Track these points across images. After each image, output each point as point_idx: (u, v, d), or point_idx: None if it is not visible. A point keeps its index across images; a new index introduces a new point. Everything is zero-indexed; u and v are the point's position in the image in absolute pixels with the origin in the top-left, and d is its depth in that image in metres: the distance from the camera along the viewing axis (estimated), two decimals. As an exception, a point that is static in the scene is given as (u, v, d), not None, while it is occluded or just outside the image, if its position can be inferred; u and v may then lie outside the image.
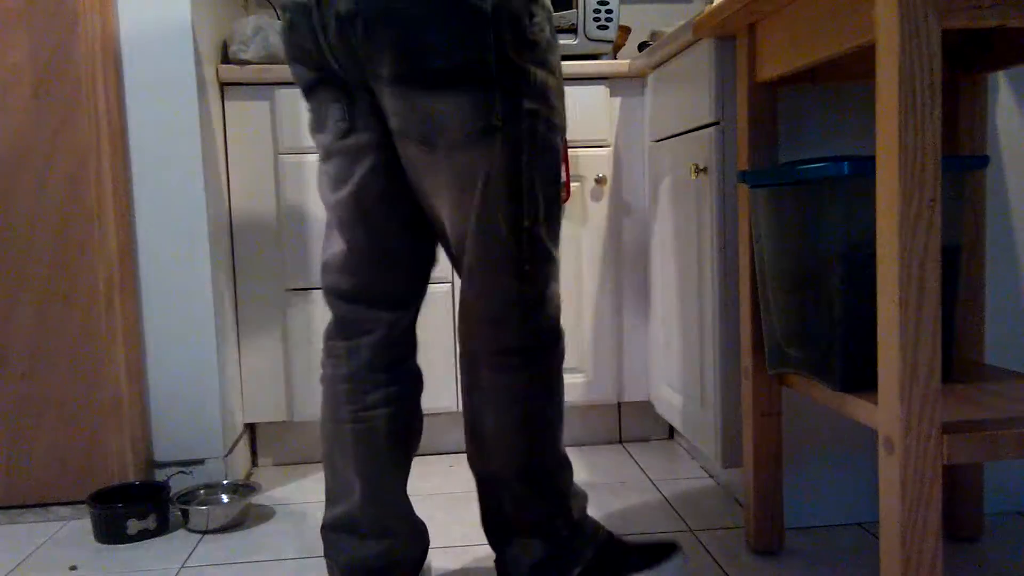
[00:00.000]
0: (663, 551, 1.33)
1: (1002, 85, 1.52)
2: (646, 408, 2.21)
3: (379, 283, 1.22)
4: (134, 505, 1.66)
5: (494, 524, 1.31)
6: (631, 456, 2.08)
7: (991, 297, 1.53)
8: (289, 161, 1.98)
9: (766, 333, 1.38)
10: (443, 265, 2.04)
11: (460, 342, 1.26)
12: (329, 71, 1.12)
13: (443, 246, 1.25)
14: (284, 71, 1.95)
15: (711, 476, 1.90)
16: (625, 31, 2.32)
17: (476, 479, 1.31)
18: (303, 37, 1.11)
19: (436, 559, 1.51)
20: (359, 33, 1.06)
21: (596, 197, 2.06)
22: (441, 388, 2.06)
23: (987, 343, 1.51)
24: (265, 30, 1.96)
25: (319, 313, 2.02)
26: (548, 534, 1.26)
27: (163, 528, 1.69)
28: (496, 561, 1.32)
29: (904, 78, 0.95)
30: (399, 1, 1.04)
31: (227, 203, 1.98)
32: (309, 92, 1.18)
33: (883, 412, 1.01)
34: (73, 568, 1.53)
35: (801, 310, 1.25)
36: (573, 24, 2.07)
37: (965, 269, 1.43)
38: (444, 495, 1.84)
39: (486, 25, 1.04)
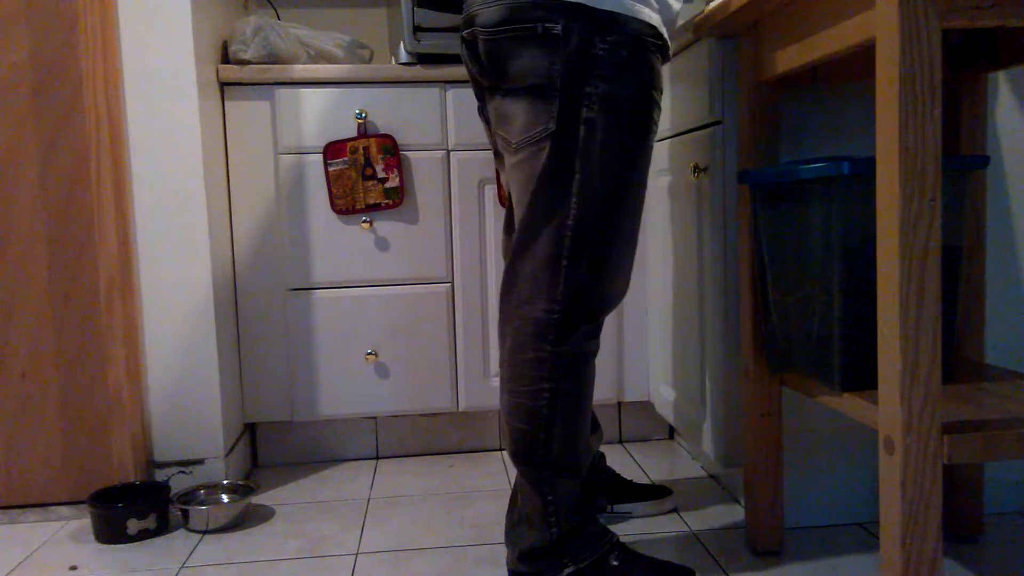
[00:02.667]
0: (672, 572, 1.34)
1: (1002, 85, 1.52)
2: (646, 408, 2.21)
3: None
4: (134, 505, 1.66)
5: (512, 503, 1.35)
6: (631, 456, 2.08)
7: (991, 297, 1.53)
8: (289, 161, 1.98)
9: (766, 333, 1.38)
10: (442, 266, 2.04)
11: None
12: (476, 87, 1.37)
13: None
14: (284, 71, 1.95)
15: (711, 476, 1.90)
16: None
17: None
18: (463, 59, 1.34)
19: (436, 559, 1.51)
20: (475, 52, 1.28)
21: (596, 197, 2.06)
22: (441, 388, 2.07)
23: (987, 343, 1.51)
24: (265, 30, 1.96)
25: (319, 313, 2.02)
26: (540, 527, 1.29)
27: (163, 528, 1.69)
28: (505, 541, 1.37)
29: (904, 78, 0.95)
30: (492, 24, 1.22)
31: (227, 203, 1.98)
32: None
33: (883, 412, 1.01)
34: (73, 568, 1.53)
35: (801, 310, 1.25)
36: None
37: (965, 269, 1.43)
38: (444, 495, 1.84)
39: (555, 43, 1.18)
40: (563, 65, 1.18)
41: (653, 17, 1.25)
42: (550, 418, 1.26)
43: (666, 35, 1.30)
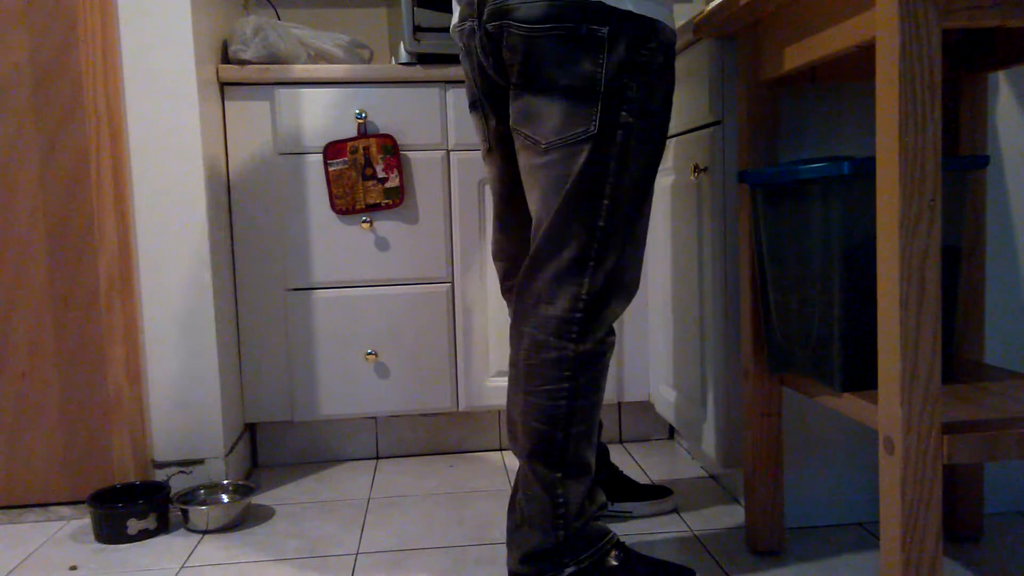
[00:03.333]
0: (673, 572, 1.34)
1: (1002, 85, 1.52)
2: (646, 408, 2.21)
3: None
4: (134, 505, 1.66)
5: (512, 505, 1.35)
6: (631, 456, 2.08)
7: (991, 297, 1.53)
8: (289, 161, 1.98)
9: (766, 333, 1.38)
10: (442, 266, 2.04)
11: (511, 317, 1.33)
12: (485, 81, 1.34)
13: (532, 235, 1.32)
14: (284, 71, 1.95)
15: (711, 476, 1.90)
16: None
17: None
18: (467, 56, 1.34)
19: (436, 559, 1.51)
20: (497, 46, 1.26)
21: (596, 197, 2.06)
22: (441, 388, 2.07)
23: (987, 343, 1.51)
24: (265, 30, 1.96)
25: (320, 312, 2.02)
26: (546, 529, 1.28)
27: (163, 528, 1.69)
28: (507, 543, 1.36)
29: (904, 78, 0.95)
30: (533, 20, 1.20)
31: (227, 203, 1.98)
32: (472, 105, 1.42)
33: (883, 412, 1.01)
34: (73, 568, 1.53)
35: (801, 310, 1.25)
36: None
37: (965, 269, 1.43)
38: (444, 495, 1.84)
39: (600, 47, 1.19)
40: (607, 69, 1.19)
41: (673, 22, 1.28)
42: (568, 417, 1.26)
43: None
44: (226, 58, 2.03)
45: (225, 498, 1.79)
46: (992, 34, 1.33)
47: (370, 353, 2.02)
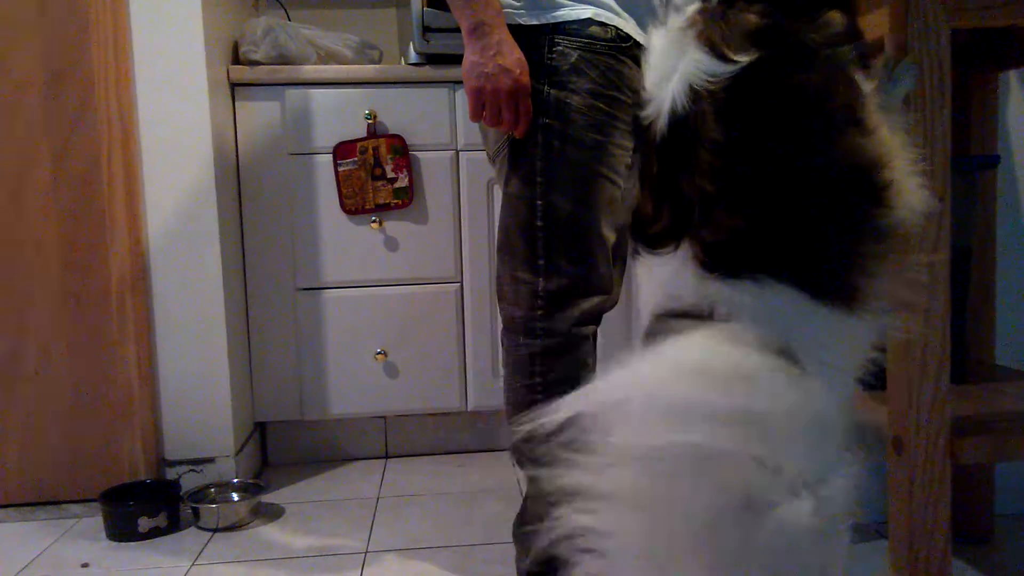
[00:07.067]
0: None
1: (1013, 84, 1.51)
2: (655, 408, 2.21)
3: None
4: (145, 503, 1.67)
5: (522, 504, 1.38)
6: (640, 456, 2.08)
7: (1002, 297, 1.52)
8: (299, 161, 1.99)
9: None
10: (451, 266, 2.04)
11: None
12: None
13: None
14: (294, 72, 1.96)
15: (720, 476, 1.90)
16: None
17: None
18: None
19: (445, 558, 1.51)
20: None
21: (605, 197, 2.06)
22: (445, 388, 2.07)
23: (998, 343, 1.50)
24: (275, 31, 1.97)
25: (329, 312, 2.02)
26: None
27: (174, 526, 1.70)
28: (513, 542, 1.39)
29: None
30: None
31: (238, 203, 1.99)
32: None
33: (893, 412, 1.01)
34: (85, 565, 1.54)
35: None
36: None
37: (976, 269, 1.42)
38: (446, 495, 1.85)
39: None
40: None
41: (613, 20, 1.25)
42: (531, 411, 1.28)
43: (637, 35, 1.27)
44: (236, 59, 2.04)
45: (235, 496, 1.80)
46: (1003, 34, 1.32)
47: (379, 353, 2.03)
